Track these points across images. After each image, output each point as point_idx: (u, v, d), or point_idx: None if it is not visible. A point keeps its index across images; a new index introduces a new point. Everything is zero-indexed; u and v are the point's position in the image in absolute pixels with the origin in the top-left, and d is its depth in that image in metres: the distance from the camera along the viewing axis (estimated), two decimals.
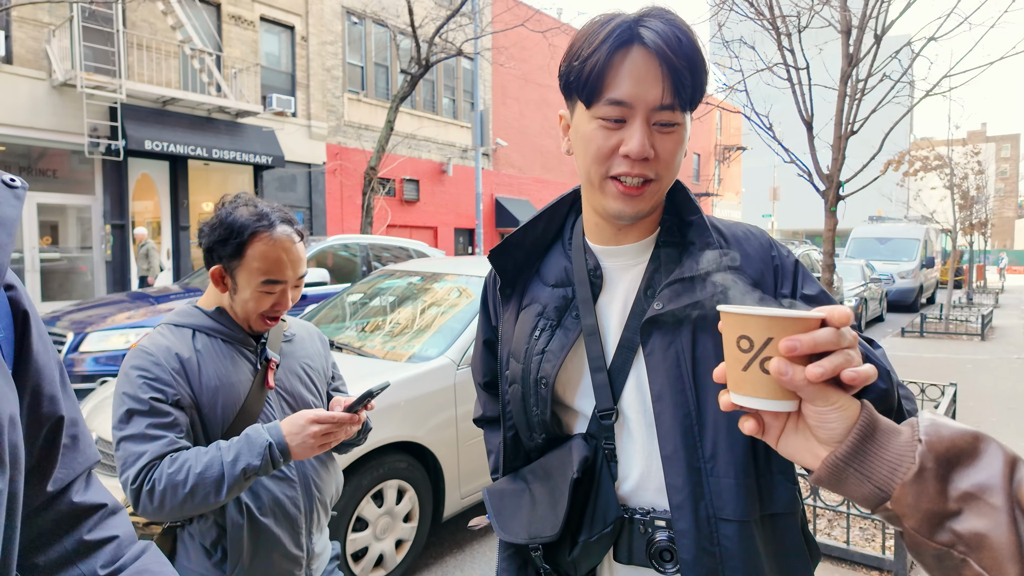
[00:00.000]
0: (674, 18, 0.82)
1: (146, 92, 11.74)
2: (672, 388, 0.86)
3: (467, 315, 3.54)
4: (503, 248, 1.03)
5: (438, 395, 3.10)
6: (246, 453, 1.18)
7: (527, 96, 21.65)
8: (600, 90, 0.81)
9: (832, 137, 4.14)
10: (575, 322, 0.94)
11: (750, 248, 0.93)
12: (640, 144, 0.80)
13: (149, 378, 1.23)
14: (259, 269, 1.28)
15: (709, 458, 0.85)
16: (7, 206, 0.59)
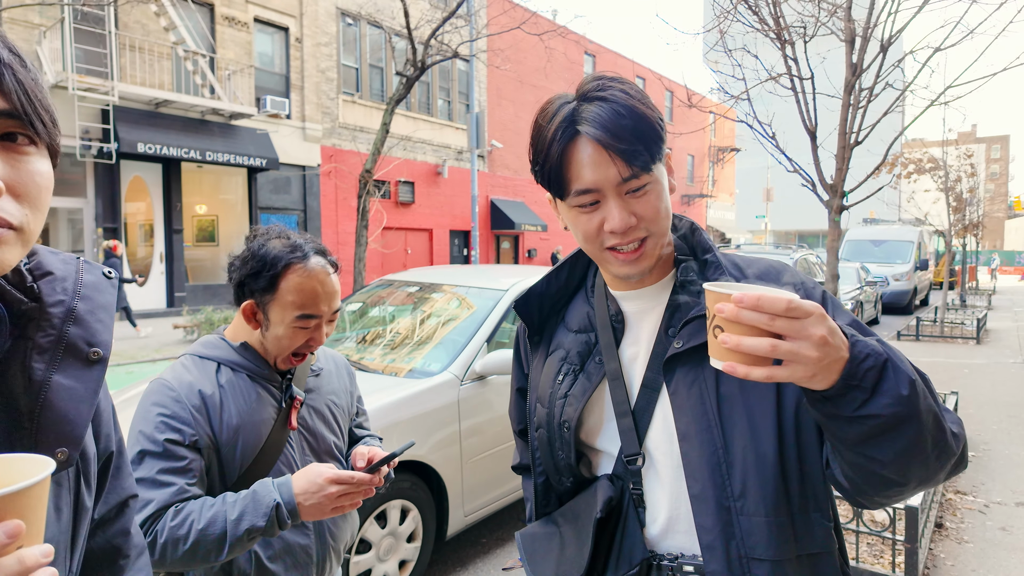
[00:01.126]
0: (610, 92, 0.84)
1: (139, 94, 11.62)
2: (698, 426, 0.86)
3: (469, 328, 3.49)
4: (527, 297, 1.06)
5: (441, 412, 3.05)
6: (251, 513, 1.12)
7: (523, 98, 21.61)
8: (566, 185, 0.86)
9: (836, 147, 4.12)
10: (598, 367, 0.96)
11: (771, 283, 0.91)
12: (620, 220, 0.85)
13: (167, 415, 1.18)
14: (293, 303, 1.23)
15: (739, 496, 0.84)
16: (107, 296, 0.75)
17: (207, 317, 9.92)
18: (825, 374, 0.66)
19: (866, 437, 0.70)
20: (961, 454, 0.80)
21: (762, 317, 0.63)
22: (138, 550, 0.87)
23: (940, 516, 3.68)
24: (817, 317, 0.64)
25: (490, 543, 3.48)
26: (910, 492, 0.79)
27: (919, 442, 0.71)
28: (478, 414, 3.23)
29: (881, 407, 0.67)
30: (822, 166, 4.22)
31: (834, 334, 0.66)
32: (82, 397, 0.69)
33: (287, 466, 1.29)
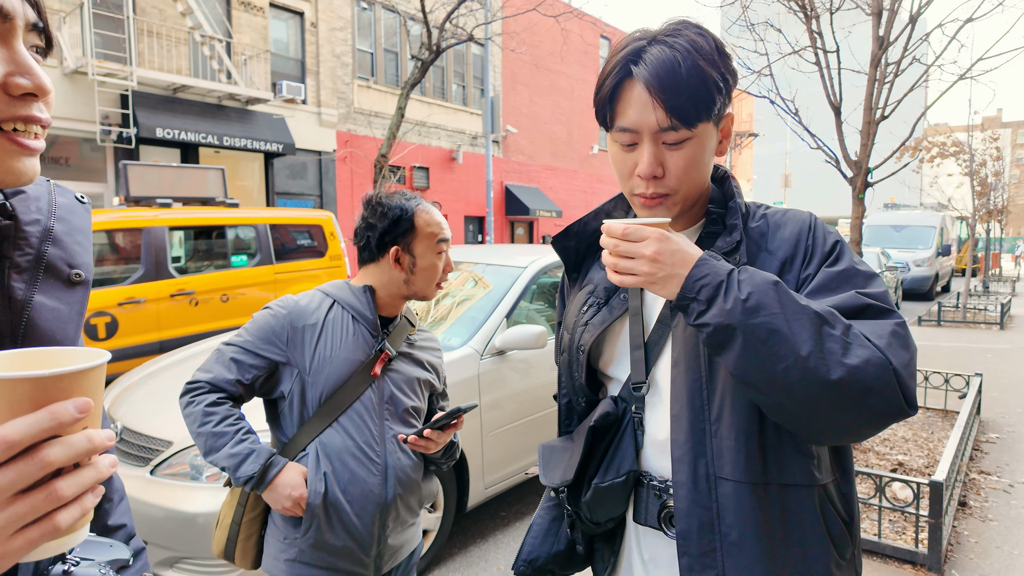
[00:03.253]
0: (680, 40, 0.87)
1: (157, 79, 11.70)
2: (688, 355, 0.92)
3: (489, 303, 3.50)
4: (564, 234, 1.14)
5: (462, 385, 3.07)
6: (237, 461, 1.34)
7: (537, 82, 21.44)
8: (612, 119, 0.92)
9: (860, 123, 4.04)
10: (622, 302, 1.03)
11: (785, 232, 0.95)
12: (647, 166, 0.89)
13: (270, 325, 1.42)
14: (431, 233, 1.47)
15: (715, 420, 0.89)
16: (82, 219, 0.75)
17: None
18: (664, 285, 0.81)
19: (711, 346, 0.81)
20: (877, 391, 0.76)
21: (609, 241, 0.83)
22: (119, 494, 0.86)
23: (964, 495, 3.65)
24: (651, 240, 0.81)
25: (509, 516, 3.51)
26: (814, 429, 0.81)
27: (752, 357, 0.77)
28: (498, 388, 3.25)
29: (709, 316, 0.79)
30: (846, 142, 4.14)
31: (670, 254, 0.80)
32: (67, 318, 0.67)
33: (366, 408, 1.42)
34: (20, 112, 0.57)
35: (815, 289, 0.87)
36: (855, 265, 0.89)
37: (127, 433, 2.67)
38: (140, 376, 3.31)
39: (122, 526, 0.85)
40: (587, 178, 24.12)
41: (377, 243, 1.46)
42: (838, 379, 0.75)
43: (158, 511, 2.33)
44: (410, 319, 1.57)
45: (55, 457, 0.42)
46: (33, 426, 0.42)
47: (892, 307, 0.84)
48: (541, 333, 3.20)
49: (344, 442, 1.39)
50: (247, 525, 1.42)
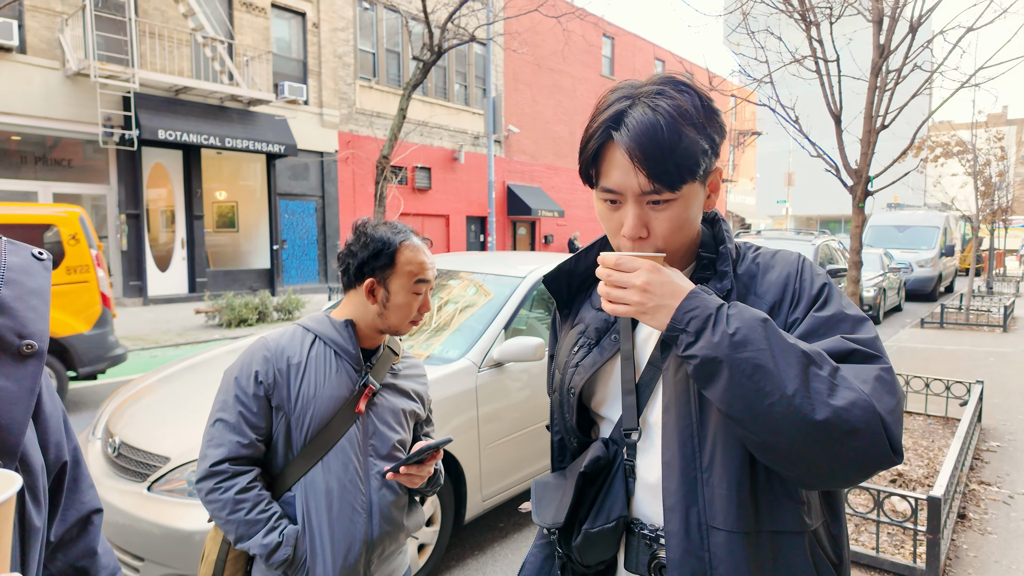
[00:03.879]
0: (661, 102, 0.86)
1: (159, 81, 11.72)
2: (679, 400, 0.92)
3: (487, 315, 3.49)
4: (556, 274, 1.13)
5: (459, 398, 3.07)
6: (270, 550, 1.35)
7: (540, 82, 21.41)
8: (596, 178, 0.92)
9: (861, 131, 4.02)
10: (613, 344, 1.03)
11: (773, 275, 0.96)
12: (632, 228, 0.90)
13: (258, 371, 1.39)
14: (411, 272, 1.44)
15: (706, 468, 0.89)
16: (38, 280, 0.66)
17: (228, 302, 10.05)
18: (654, 315, 0.83)
19: (698, 379, 0.82)
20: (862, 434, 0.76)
21: (604, 271, 0.86)
22: (108, 571, 0.81)
23: (963, 507, 3.63)
24: (642, 271, 0.84)
25: (507, 527, 3.52)
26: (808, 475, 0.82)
27: (736, 391, 0.78)
28: (496, 400, 3.25)
29: (697, 348, 0.80)
30: (846, 150, 4.12)
31: (660, 285, 0.83)
32: (16, 398, 0.60)
33: (351, 446, 1.41)
34: None
35: (803, 335, 0.87)
36: (843, 310, 0.89)
37: (125, 448, 2.67)
38: (138, 388, 3.32)
39: None
40: None
41: (356, 272, 1.45)
42: (823, 419, 0.75)
43: (155, 528, 2.33)
44: (394, 348, 1.56)
45: None
46: None
47: (880, 352, 0.84)
48: (539, 345, 3.19)
49: (329, 482, 1.38)
50: (232, 562, 1.42)
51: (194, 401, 2.98)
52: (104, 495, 2.51)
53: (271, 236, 14.43)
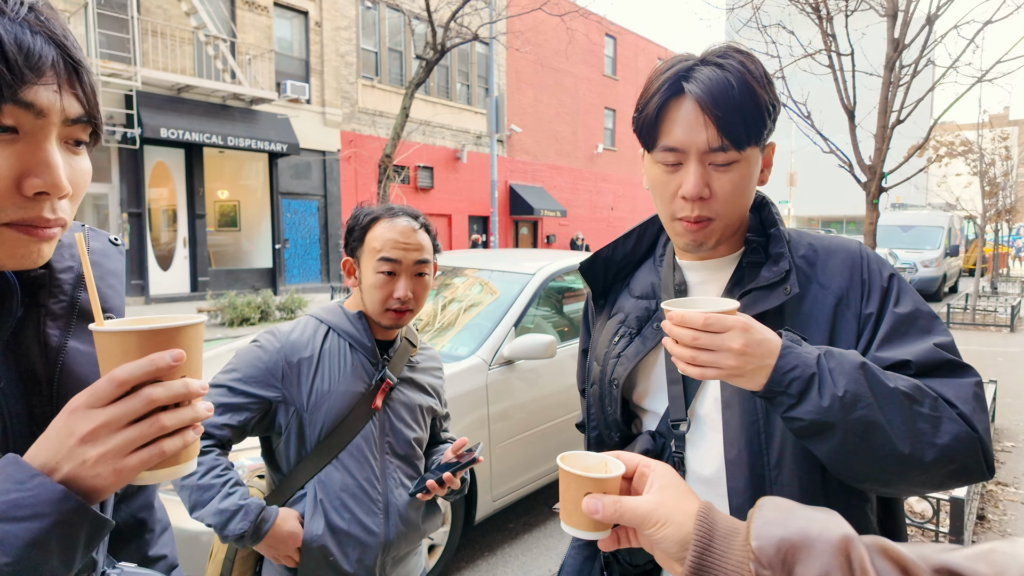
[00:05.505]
0: (730, 61, 0.86)
1: (161, 79, 11.68)
2: (741, 396, 0.88)
3: (496, 312, 3.44)
4: (592, 261, 1.09)
5: (469, 396, 3.01)
6: (225, 518, 1.22)
7: (542, 81, 21.36)
8: (656, 138, 0.88)
9: (875, 126, 3.96)
10: (655, 332, 0.98)
11: (835, 261, 0.92)
12: (694, 186, 0.86)
13: (261, 361, 1.32)
14: (375, 249, 1.33)
15: (775, 466, 0.86)
16: (115, 262, 0.77)
17: (230, 301, 10.00)
18: (751, 378, 0.76)
19: (800, 435, 0.79)
20: (963, 463, 0.78)
21: (685, 332, 0.75)
22: (162, 525, 0.87)
23: (982, 508, 3.57)
24: (737, 331, 0.74)
25: (517, 528, 3.46)
26: (895, 490, 0.83)
27: (847, 448, 0.76)
28: (506, 399, 3.19)
29: (803, 412, 0.76)
30: (860, 147, 4.07)
31: (757, 345, 0.74)
32: None
33: (367, 443, 1.34)
34: (30, 214, 0.56)
35: (886, 336, 0.86)
36: (918, 306, 0.88)
37: None
38: None
39: (163, 557, 0.85)
40: (592, 177, 24.04)
41: (346, 251, 1.41)
42: (931, 460, 0.76)
43: None
44: (411, 339, 1.48)
45: (157, 395, 0.52)
46: (137, 369, 0.52)
47: (961, 359, 0.84)
48: (551, 343, 3.14)
49: (344, 481, 1.31)
50: (241, 563, 1.36)
51: None
52: None
53: (273, 235, 14.38)
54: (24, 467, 0.50)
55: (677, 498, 0.62)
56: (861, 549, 0.51)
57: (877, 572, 0.50)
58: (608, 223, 25.03)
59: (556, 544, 3.29)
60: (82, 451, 0.51)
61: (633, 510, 0.61)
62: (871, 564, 0.50)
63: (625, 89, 25.30)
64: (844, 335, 0.87)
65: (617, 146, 25.22)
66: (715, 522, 0.58)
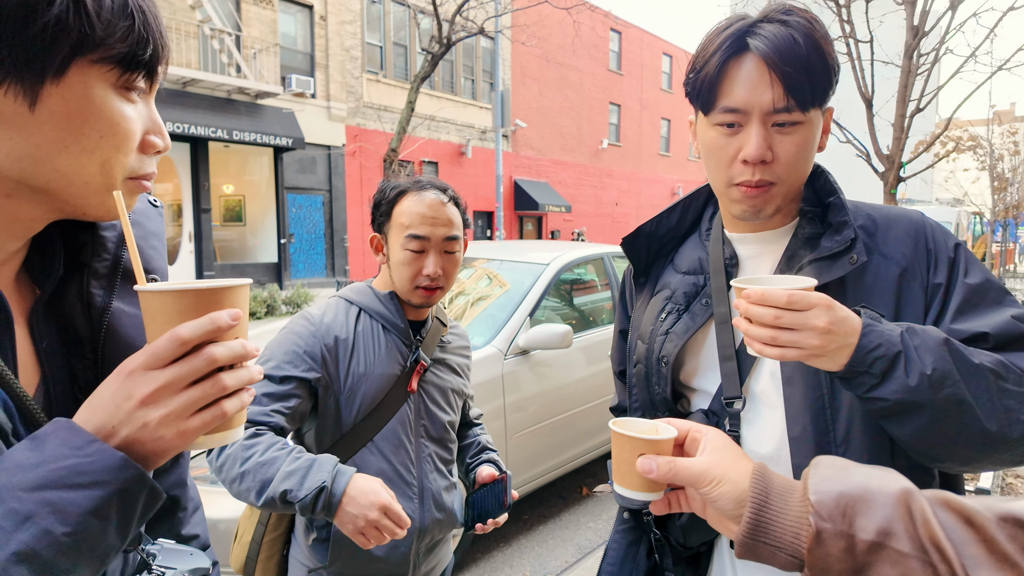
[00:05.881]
0: (793, 18, 0.82)
1: (167, 73, 11.64)
2: (803, 370, 0.85)
3: (512, 301, 3.41)
4: (635, 237, 1.06)
5: (485, 386, 2.98)
6: (299, 477, 1.08)
7: (547, 76, 21.28)
8: (715, 98, 0.84)
9: (893, 115, 3.91)
10: (704, 308, 0.95)
11: (898, 231, 0.88)
12: (756, 148, 0.81)
13: (300, 346, 1.25)
14: (403, 224, 1.28)
15: (841, 442, 0.83)
16: (156, 223, 0.75)
17: None
18: (832, 357, 0.72)
19: (880, 416, 0.76)
20: None
21: (767, 311, 0.70)
22: (195, 503, 0.85)
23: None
24: (821, 309, 0.70)
25: (532, 519, 3.43)
26: (973, 467, 0.80)
27: (934, 428, 0.73)
28: (522, 389, 3.16)
29: (887, 392, 0.72)
30: (878, 136, 4.02)
31: (841, 323, 0.71)
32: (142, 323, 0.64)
33: (402, 427, 1.30)
34: (146, 169, 0.61)
35: (959, 308, 0.82)
36: (988, 277, 0.85)
37: None
38: None
39: (196, 536, 0.83)
40: (597, 172, 23.97)
41: (373, 226, 1.36)
42: (1018, 437, 0.74)
43: None
44: (441, 319, 1.44)
45: (218, 354, 0.51)
46: (199, 328, 0.50)
47: None
48: (567, 332, 3.10)
49: (380, 465, 1.27)
50: (268, 545, 1.31)
51: None
52: None
53: (279, 230, 14.36)
54: (79, 432, 0.48)
55: (732, 458, 0.61)
56: (922, 501, 0.50)
57: (940, 523, 0.49)
58: (613, 219, 24.97)
59: (572, 535, 3.26)
60: (143, 414, 0.49)
61: (688, 469, 0.60)
62: (933, 515, 0.49)
63: (630, 84, 25.20)
64: (910, 307, 0.84)
65: (622, 141, 25.13)
66: (771, 480, 0.58)
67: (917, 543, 0.48)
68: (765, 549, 0.55)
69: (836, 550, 0.51)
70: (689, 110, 0.96)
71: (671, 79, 27.47)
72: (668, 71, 27.34)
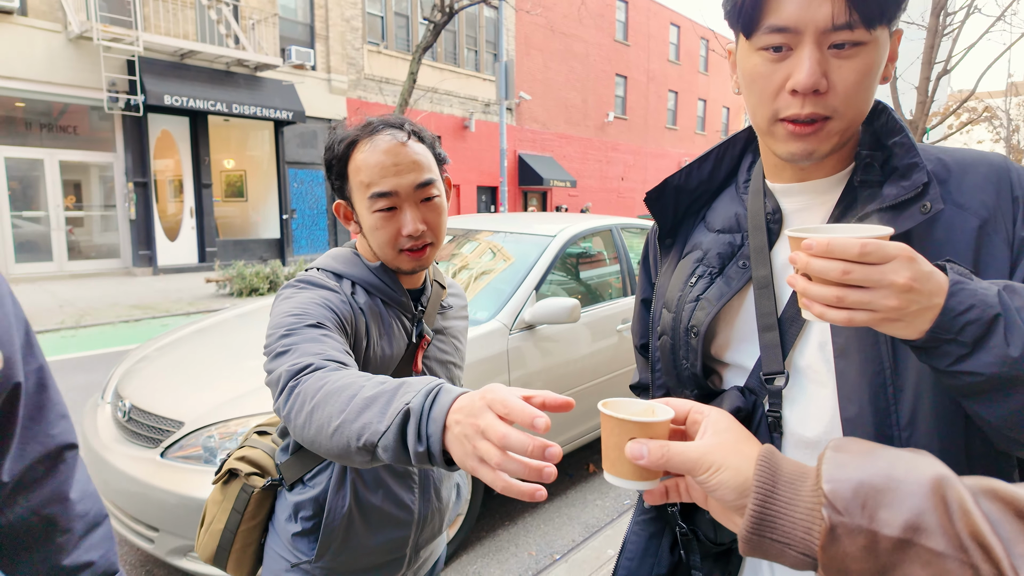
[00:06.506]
0: None
1: (163, 44, 11.40)
2: (861, 341, 0.73)
3: (517, 275, 3.28)
4: (661, 191, 0.92)
5: (489, 362, 2.88)
6: (381, 404, 0.69)
7: (552, 47, 20.83)
8: (759, 16, 0.71)
9: (918, 78, 3.72)
10: (741, 271, 0.84)
11: (975, 176, 0.74)
12: (809, 74, 0.68)
13: (330, 300, 1.00)
14: (363, 183, 1.05)
15: (906, 425, 0.71)
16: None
17: (239, 271, 9.91)
18: (911, 322, 0.59)
19: (966, 394, 0.63)
20: None
21: (833, 265, 0.57)
22: (87, 521, 0.67)
23: None
24: (901, 261, 0.57)
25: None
26: None
27: None
28: (527, 364, 3.06)
29: (981, 365, 0.59)
30: (900, 100, 3.83)
31: (926, 280, 0.58)
32: None
33: None
34: None
35: None
36: None
37: (136, 412, 2.51)
38: (150, 350, 3.15)
39: (87, 564, 0.66)
40: (602, 146, 23.62)
41: (336, 194, 1.12)
42: None
43: (169, 496, 2.17)
44: (440, 280, 1.25)
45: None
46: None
47: None
48: (575, 306, 2.98)
49: None
50: (245, 534, 1.16)
51: (206, 364, 2.81)
52: (115, 462, 2.35)
53: (280, 205, 14.22)
54: None
55: (735, 442, 0.55)
56: (960, 489, 0.43)
57: (985, 515, 0.42)
58: (619, 193, 24.68)
59: (578, 514, 3.18)
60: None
61: (682, 454, 0.54)
62: (975, 506, 0.42)
63: (637, 55, 24.68)
64: (992, 266, 0.70)
65: (628, 114, 24.70)
66: (779, 465, 0.51)
67: (954, 540, 0.41)
68: (772, 546, 0.49)
69: (854, 548, 0.44)
70: (696, 83, 0.80)
71: (678, 50, 26.88)
72: (676, 42, 26.74)
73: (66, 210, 11.52)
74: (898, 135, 0.77)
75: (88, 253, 11.94)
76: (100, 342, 6.74)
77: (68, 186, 11.60)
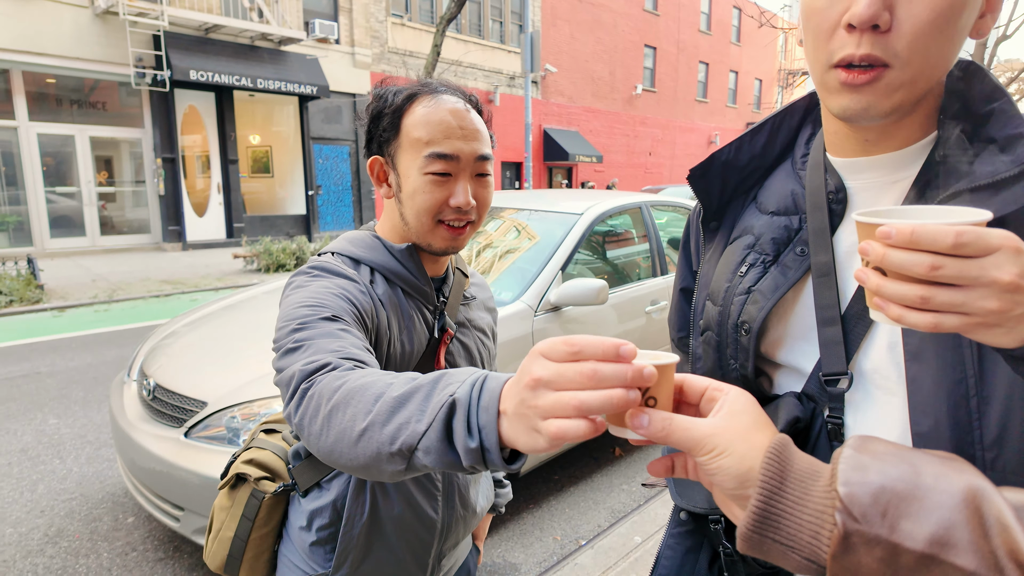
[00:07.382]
0: None
1: (188, 19, 11.38)
2: (938, 343, 0.62)
3: (542, 255, 3.19)
4: (706, 167, 0.82)
5: (514, 343, 2.81)
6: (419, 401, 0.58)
7: (579, 17, 20.32)
8: None
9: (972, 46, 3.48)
10: (798, 259, 0.73)
11: None
12: (867, 3, 0.56)
13: (347, 290, 0.90)
14: (420, 139, 0.93)
15: (991, 444, 0.61)
16: None
17: (266, 247, 9.98)
18: (1012, 328, 0.47)
19: None
20: None
21: (919, 258, 0.45)
22: None
23: None
24: (1005, 253, 0.45)
25: (563, 480, 3.31)
26: None
27: None
28: None
29: None
30: None
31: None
32: None
33: None
34: None
35: None
36: None
37: (160, 391, 2.50)
38: (177, 326, 3.15)
39: None
40: (629, 120, 23.12)
41: (367, 152, 1.02)
42: None
43: (193, 477, 2.17)
44: (463, 269, 1.16)
45: None
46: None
47: None
48: (602, 288, 2.89)
49: None
50: (257, 542, 1.08)
51: (231, 343, 2.79)
52: (141, 440, 2.36)
53: (306, 181, 14.25)
54: None
55: (747, 427, 0.49)
56: (998, 503, 0.39)
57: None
58: (646, 169, 24.22)
59: (604, 498, 3.13)
60: None
61: (686, 430, 0.49)
62: (1016, 521, 0.38)
63: (667, 25, 23.96)
64: None
65: (657, 87, 24.09)
66: (790, 460, 0.47)
67: (988, 558, 0.37)
68: (774, 547, 0.45)
69: (871, 560, 0.40)
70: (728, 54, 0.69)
71: (710, 20, 26.02)
72: (707, 11, 25.87)
73: (98, 186, 11.71)
74: (998, 100, 0.65)
75: (120, 228, 12.15)
76: (131, 316, 6.86)
77: (100, 162, 11.76)
